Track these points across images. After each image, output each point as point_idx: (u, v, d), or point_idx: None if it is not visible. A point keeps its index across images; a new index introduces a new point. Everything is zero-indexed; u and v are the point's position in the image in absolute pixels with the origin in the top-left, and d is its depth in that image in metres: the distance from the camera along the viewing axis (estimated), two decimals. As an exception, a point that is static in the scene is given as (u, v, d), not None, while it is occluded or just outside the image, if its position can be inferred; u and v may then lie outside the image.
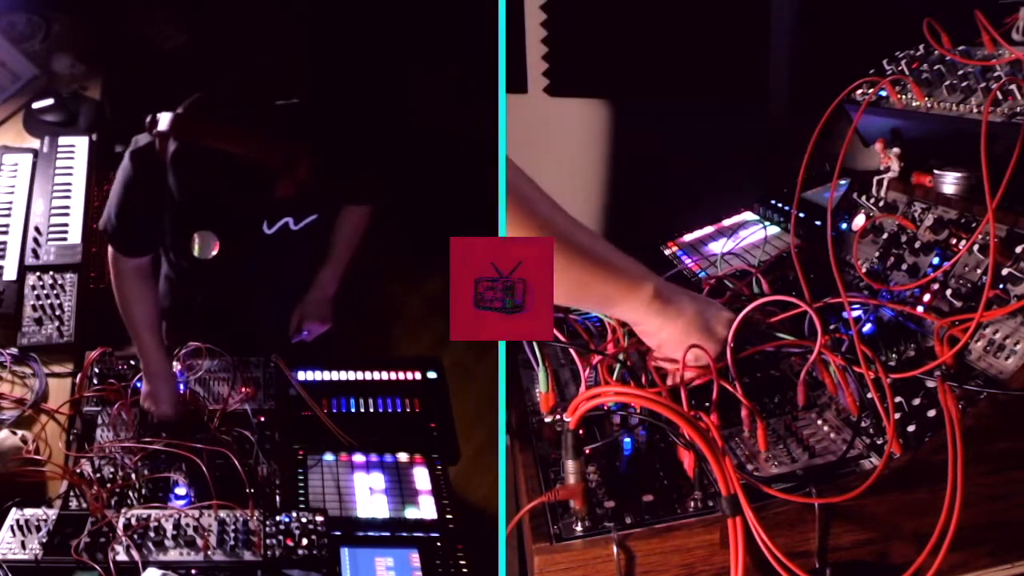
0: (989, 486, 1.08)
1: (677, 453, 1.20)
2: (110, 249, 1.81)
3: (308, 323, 1.93)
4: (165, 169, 1.58)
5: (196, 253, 1.77)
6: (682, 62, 2.60)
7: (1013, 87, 1.31)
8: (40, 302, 1.96)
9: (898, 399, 1.18)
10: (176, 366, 1.88)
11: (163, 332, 2.00)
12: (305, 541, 1.53)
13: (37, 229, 2.11)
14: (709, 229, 2.11)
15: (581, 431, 1.15)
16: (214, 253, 1.76)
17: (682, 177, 2.57)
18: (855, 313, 1.39)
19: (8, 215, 2.15)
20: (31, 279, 2.01)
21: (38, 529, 1.50)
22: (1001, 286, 1.23)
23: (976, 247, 1.32)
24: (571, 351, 1.48)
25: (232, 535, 1.53)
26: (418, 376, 2.02)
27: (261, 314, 1.99)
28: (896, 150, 1.60)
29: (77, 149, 2.32)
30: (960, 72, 1.46)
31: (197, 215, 1.71)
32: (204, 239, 1.76)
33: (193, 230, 1.74)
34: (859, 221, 1.64)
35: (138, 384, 1.83)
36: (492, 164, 1.17)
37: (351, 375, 2.00)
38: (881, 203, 1.61)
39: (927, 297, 1.37)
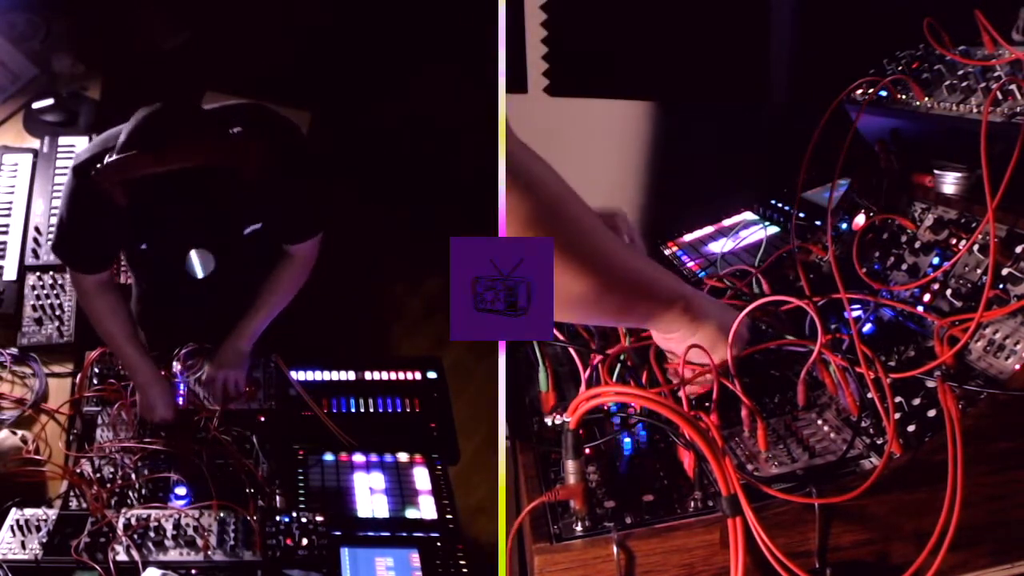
0: (989, 486, 1.08)
1: (677, 453, 1.20)
2: (69, 270, 1.81)
3: (222, 370, 1.83)
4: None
5: (197, 273, 1.77)
6: (682, 61, 2.59)
7: (1013, 87, 1.31)
8: (40, 302, 1.96)
9: (898, 399, 1.18)
10: (176, 366, 1.88)
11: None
12: (305, 541, 1.53)
13: (37, 229, 2.11)
14: (709, 229, 2.12)
15: (581, 431, 1.15)
16: (212, 269, 1.77)
17: (682, 177, 2.57)
18: (855, 313, 1.39)
19: (8, 215, 2.15)
20: (31, 279, 2.01)
21: (38, 529, 1.50)
22: (1001, 286, 1.23)
23: (976, 247, 1.32)
24: (571, 351, 1.48)
25: (232, 535, 1.53)
26: (418, 376, 2.02)
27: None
28: (896, 150, 1.60)
29: (77, 149, 2.32)
30: (960, 72, 1.46)
31: (158, 231, 1.71)
32: (202, 257, 1.77)
33: (151, 241, 1.75)
34: (859, 221, 1.64)
35: (139, 385, 1.83)
36: (492, 164, 1.17)
37: (351, 375, 2.00)
38: (881, 203, 1.61)
39: (927, 297, 1.37)
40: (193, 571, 1.48)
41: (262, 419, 1.82)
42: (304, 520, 1.57)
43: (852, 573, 1.07)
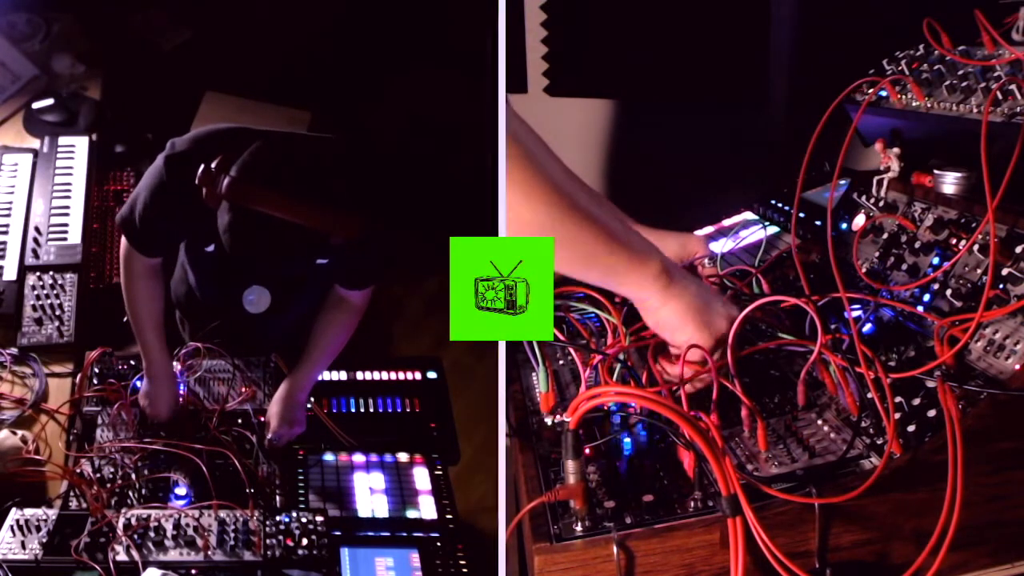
0: (989, 486, 1.08)
1: (677, 453, 1.20)
2: (124, 246, 1.79)
3: (278, 429, 1.79)
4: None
5: (248, 309, 1.77)
6: (682, 61, 2.60)
7: (1013, 87, 1.31)
8: (40, 302, 1.96)
9: (898, 399, 1.18)
10: (176, 366, 1.88)
11: (178, 320, 2.00)
12: (305, 541, 1.54)
13: (37, 229, 2.11)
14: (709, 229, 2.11)
15: (581, 431, 1.15)
16: (267, 306, 1.77)
17: (682, 177, 2.56)
18: (855, 313, 1.39)
19: (8, 215, 2.15)
20: (31, 279, 2.01)
21: (38, 529, 1.50)
22: (1001, 286, 1.23)
23: (976, 247, 1.32)
24: (571, 351, 1.48)
25: (232, 535, 1.53)
26: (418, 376, 2.02)
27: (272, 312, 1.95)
28: (896, 150, 1.60)
29: (77, 149, 2.32)
30: (960, 72, 1.46)
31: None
32: (257, 296, 1.77)
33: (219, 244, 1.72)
34: (859, 221, 1.64)
35: (137, 383, 1.83)
36: (492, 164, 1.17)
37: (351, 375, 2.00)
38: (881, 203, 1.61)
39: (927, 297, 1.37)
40: (193, 571, 1.48)
41: (262, 419, 1.82)
42: (304, 520, 1.57)
43: (852, 573, 1.07)
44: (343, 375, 2.00)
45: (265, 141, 1.52)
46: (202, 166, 1.48)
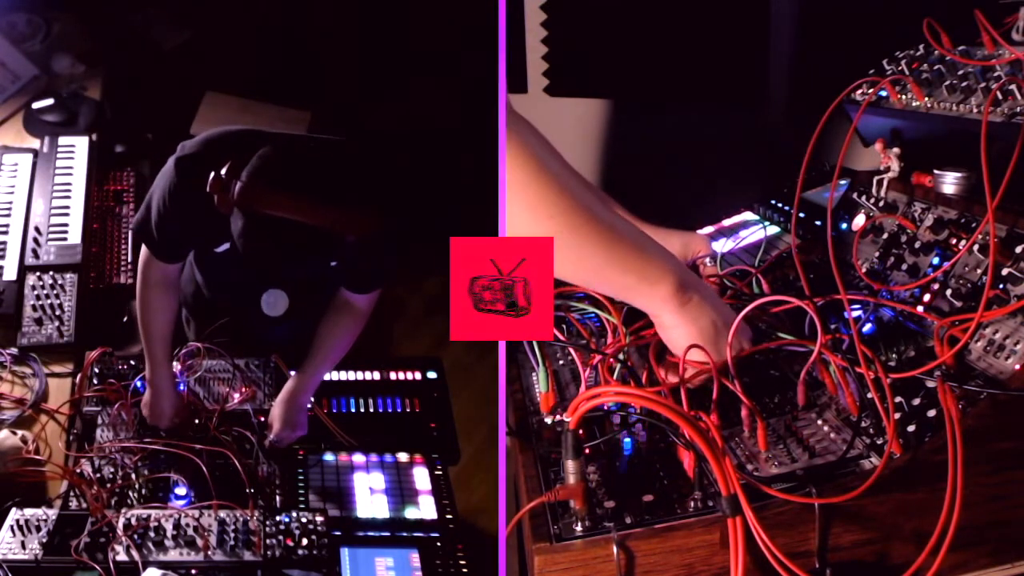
0: (989, 486, 1.08)
1: (677, 453, 1.20)
2: (143, 254, 1.79)
3: (280, 431, 1.79)
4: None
5: (266, 311, 1.79)
6: (682, 61, 2.60)
7: (1013, 87, 1.31)
8: (40, 302, 1.96)
9: (898, 399, 1.18)
10: (176, 366, 1.88)
11: (184, 318, 2.00)
12: (305, 541, 1.54)
13: (37, 229, 2.11)
14: (709, 229, 2.11)
15: (581, 431, 1.15)
16: (285, 310, 1.79)
17: (682, 177, 2.57)
18: (855, 313, 1.39)
19: (8, 215, 2.15)
20: (31, 279, 2.01)
21: (38, 529, 1.50)
22: (1001, 286, 1.23)
23: (976, 247, 1.32)
24: (571, 351, 1.48)
25: (232, 535, 1.53)
26: (418, 376, 2.02)
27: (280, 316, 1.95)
28: (896, 150, 1.60)
29: (77, 149, 2.32)
30: (960, 72, 1.46)
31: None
32: (275, 298, 1.79)
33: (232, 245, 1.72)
34: (859, 221, 1.64)
35: (138, 383, 1.83)
36: (493, 164, 1.17)
37: (351, 375, 2.00)
38: (881, 203, 1.61)
39: (927, 297, 1.37)
40: (193, 571, 1.48)
41: (262, 419, 1.82)
42: (304, 520, 1.58)
43: (852, 573, 1.07)
44: (343, 375, 2.00)
45: (273, 146, 1.52)
46: (212, 174, 1.48)
